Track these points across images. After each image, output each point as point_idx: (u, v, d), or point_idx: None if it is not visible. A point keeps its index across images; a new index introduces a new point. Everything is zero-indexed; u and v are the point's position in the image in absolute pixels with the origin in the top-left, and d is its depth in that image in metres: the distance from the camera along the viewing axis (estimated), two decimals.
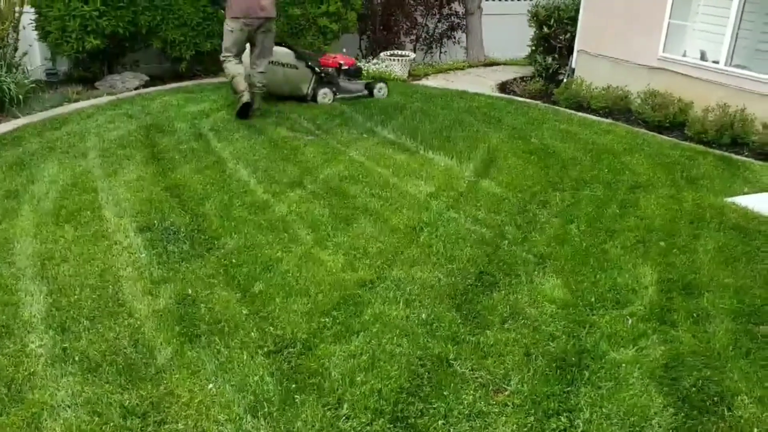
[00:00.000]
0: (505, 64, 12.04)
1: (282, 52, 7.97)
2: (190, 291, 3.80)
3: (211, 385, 3.03)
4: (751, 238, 4.70)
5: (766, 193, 5.72)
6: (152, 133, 6.70)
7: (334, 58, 8.59)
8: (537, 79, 10.12)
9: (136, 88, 8.62)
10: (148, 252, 4.23)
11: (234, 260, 4.15)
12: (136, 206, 4.89)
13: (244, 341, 3.35)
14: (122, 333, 3.40)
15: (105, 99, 8.00)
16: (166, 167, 5.73)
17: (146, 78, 8.98)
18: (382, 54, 10.56)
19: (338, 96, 8.36)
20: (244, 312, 3.60)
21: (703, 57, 8.18)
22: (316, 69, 8.20)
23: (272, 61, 7.72)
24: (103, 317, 3.52)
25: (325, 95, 8.24)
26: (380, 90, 8.62)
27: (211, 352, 3.26)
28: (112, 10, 8.21)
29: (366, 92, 8.63)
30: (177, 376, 3.09)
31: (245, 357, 3.22)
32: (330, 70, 8.44)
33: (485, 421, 2.85)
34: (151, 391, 2.99)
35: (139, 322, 3.49)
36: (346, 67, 8.52)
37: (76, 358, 3.18)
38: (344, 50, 10.84)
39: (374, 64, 10.18)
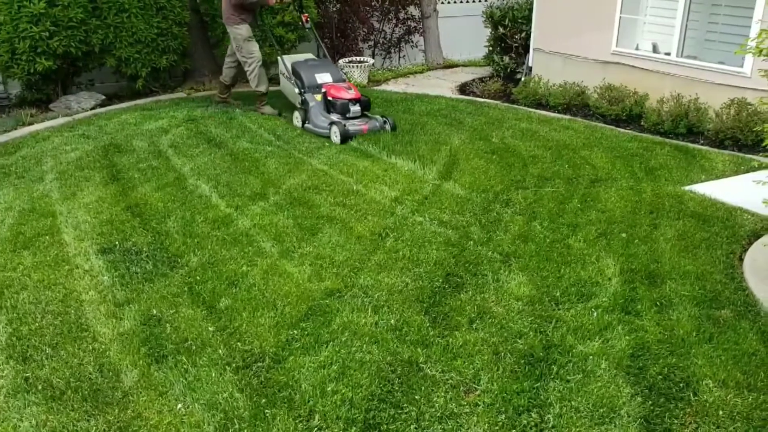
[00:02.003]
0: (463, 65, 12.13)
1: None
2: (154, 311, 3.75)
3: (180, 405, 2.99)
4: (710, 225, 4.81)
5: (722, 180, 5.86)
6: (110, 152, 6.60)
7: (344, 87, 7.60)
8: (495, 79, 10.22)
9: (92, 108, 8.48)
10: (111, 274, 4.16)
11: (198, 277, 4.10)
12: (96, 228, 4.81)
13: (212, 358, 3.32)
14: (86, 358, 3.33)
15: (60, 120, 7.86)
16: (126, 187, 5.65)
17: (102, 97, 8.85)
18: (340, 61, 10.56)
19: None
20: (211, 329, 3.56)
21: (655, 49, 8.35)
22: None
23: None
24: (66, 343, 3.45)
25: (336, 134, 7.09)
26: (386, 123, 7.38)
27: (179, 372, 3.22)
28: (63, 30, 8.07)
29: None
30: (144, 398, 3.04)
31: (214, 374, 3.19)
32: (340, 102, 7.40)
33: (457, 422, 2.86)
34: (119, 415, 2.93)
35: (103, 346, 3.43)
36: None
37: (40, 387, 3.11)
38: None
39: None
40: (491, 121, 7.90)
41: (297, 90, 7.72)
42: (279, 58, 8.18)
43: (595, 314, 3.64)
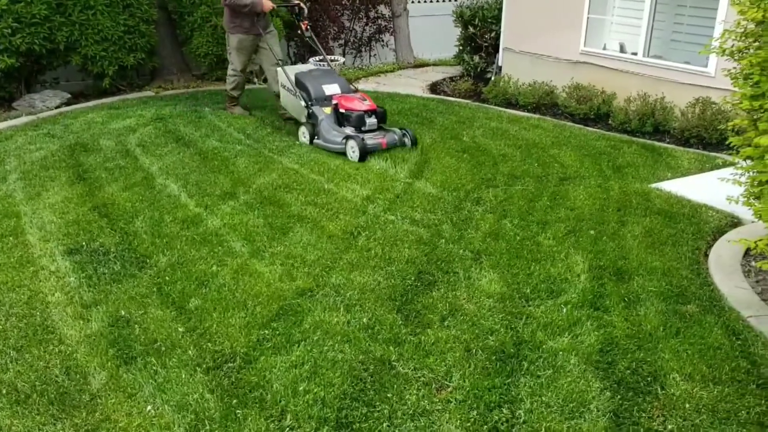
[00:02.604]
0: (434, 64, 12.19)
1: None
2: (123, 312, 3.69)
3: (149, 407, 2.95)
4: (676, 222, 4.89)
5: (687, 178, 5.97)
6: (77, 152, 6.49)
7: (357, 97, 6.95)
8: (466, 78, 10.28)
9: (57, 107, 8.33)
10: (77, 275, 4.08)
11: (167, 278, 4.05)
12: (62, 229, 4.72)
13: (182, 359, 3.28)
14: (53, 361, 3.27)
15: (24, 119, 7.71)
16: (93, 186, 5.55)
17: (68, 96, 8.70)
18: (311, 60, 10.51)
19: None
20: (181, 330, 3.52)
21: (622, 49, 8.48)
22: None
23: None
24: (32, 346, 3.38)
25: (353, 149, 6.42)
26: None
27: (148, 373, 3.17)
28: (26, 27, 7.91)
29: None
30: (113, 400, 3.00)
31: (184, 375, 3.15)
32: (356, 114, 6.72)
33: (429, 419, 2.87)
34: (86, 418, 2.88)
35: (70, 349, 3.37)
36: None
37: (4, 391, 3.04)
38: None
39: None
40: (462, 120, 7.95)
41: (303, 103, 7.04)
42: (280, 69, 7.49)
43: (564, 310, 3.69)
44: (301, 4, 7.89)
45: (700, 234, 4.71)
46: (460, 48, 10.73)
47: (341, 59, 10.90)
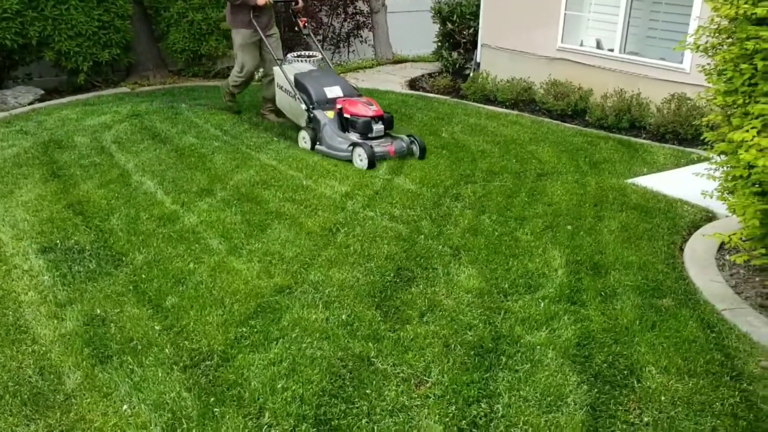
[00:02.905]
0: (413, 61, 12.17)
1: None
2: (98, 311, 3.64)
3: (125, 407, 2.92)
4: (651, 216, 4.94)
5: (663, 173, 6.03)
6: (51, 149, 6.39)
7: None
8: (445, 74, 10.29)
9: (30, 103, 8.19)
10: (51, 274, 4.02)
11: (144, 275, 4.01)
12: (35, 227, 4.65)
13: (159, 358, 3.24)
14: (26, 361, 3.22)
15: None
16: (68, 184, 5.47)
17: (41, 92, 8.54)
18: (289, 55, 10.44)
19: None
20: (157, 328, 3.48)
21: (598, 45, 8.53)
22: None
23: None
24: (4, 346, 3.33)
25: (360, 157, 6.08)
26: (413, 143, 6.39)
27: (124, 372, 3.14)
28: None
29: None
30: (88, 400, 2.96)
31: (160, 374, 3.12)
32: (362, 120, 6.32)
33: (408, 414, 2.87)
34: (61, 418, 2.84)
35: (44, 348, 3.32)
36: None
37: None
38: None
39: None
40: (441, 116, 7.96)
41: (304, 106, 6.63)
42: (277, 69, 7.13)
43: (542, 305, 3.71)
44: (299, 0, 7.63)
45: (676, 228, 4.77)
46: (439, 44, 10.74)
47: (319, 54, 10.86)
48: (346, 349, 3.31)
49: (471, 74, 9.85)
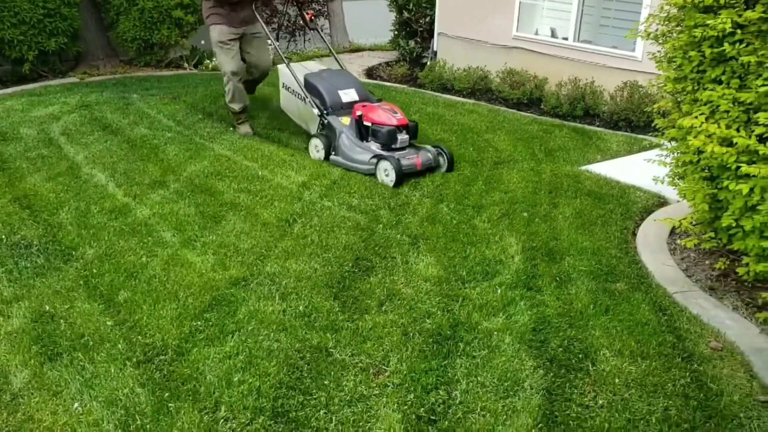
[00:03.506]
0: (370, 49, 12.13)
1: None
2: (47, 307, 3.53)
3: (76, 405, 2.84)
4: (605, 203, 5.02)
5: (616, 160, 6.14)
6: None
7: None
8: (402, 63, 10.28)
9: None
10: None
11: (95, 270, 3.90)
12: None
13: (111, 354, 3.16)
14: None
15: None
16: (13, 177, 5.29)
17: None
18: None
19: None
20: (109, 323, 3.39)
21: (553, 34, 8.63)
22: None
23: None
24: None
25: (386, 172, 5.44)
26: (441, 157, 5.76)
27: (75, 370, 3.05)
28: None
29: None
30: (37, 399, 2.86)
31: (113, 370, 3.04)
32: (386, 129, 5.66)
33: (366, 404, 2.86)
34: (7, 419, 2.75)
35: None
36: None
37: None
38: (203, 42, 10.51)
39: None
40: (398, 105, 7.90)
41: (317, 111, 6.04)
42: (282, 67, 6.56)
43: (499, 291, 3.73)
44: None
45: (629, 214, 4.85)
46: (396, 33, 10.72)
47: (275, 43, 10.73)
48: (304, 340, 3.28)
49: (428, 63, 9.86)
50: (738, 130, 3.40)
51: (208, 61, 10.21)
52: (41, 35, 8.44)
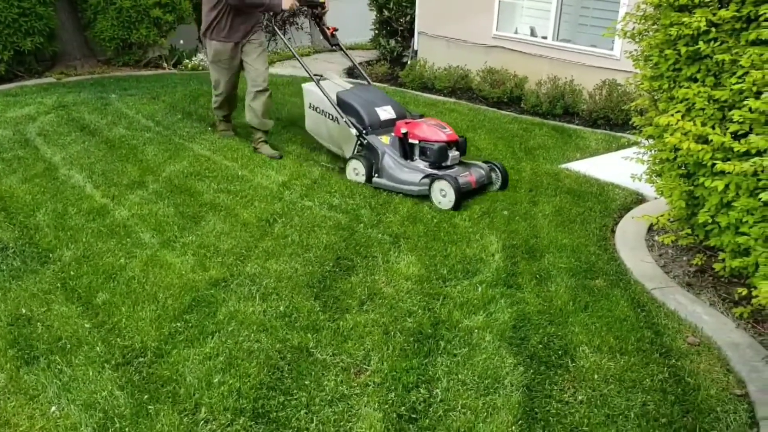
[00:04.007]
0: (350, 48, 12.09)
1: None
2: (24, 310, 3.48)
3: (53, 408, 2.80)
4: (584, 200, 5.06)
5: (595, 158, 6.19)
6: None
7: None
8: (383, 62, 10.28)
9: None
10: None
11: (72, 272, 3.86)
12: None
13: (89, 356, 3.13)
14: None
15: None
16: None
17: None
18: None
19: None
20: (87, 326, 3.36)
21: (533, 33, 8.68)
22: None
23: None
24: None
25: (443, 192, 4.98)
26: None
27: (52, 373, 3.01)
28: None
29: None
30: (13, 403, 2.83)
31: (91, 373, 3.01)
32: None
33: (348, 403, 2.86)
34: None
35: None
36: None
37: None
38: (181, 41, 10.43)
39: None
40: None
41: (355, 131, 5.56)
42: (308, 86, 6.14)
43: (479, 289, 3.75)
44: (326, 3, 6.38)
45: (607, 211, 4.89)
46: (376, 32, 10.71)
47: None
48: (285, 340, 3.27)
49: (409, 62, 9.86)
50: (713, 128, 3.44)
51: (188, 60, 10.13)
52: (16, 35, 8.32)
